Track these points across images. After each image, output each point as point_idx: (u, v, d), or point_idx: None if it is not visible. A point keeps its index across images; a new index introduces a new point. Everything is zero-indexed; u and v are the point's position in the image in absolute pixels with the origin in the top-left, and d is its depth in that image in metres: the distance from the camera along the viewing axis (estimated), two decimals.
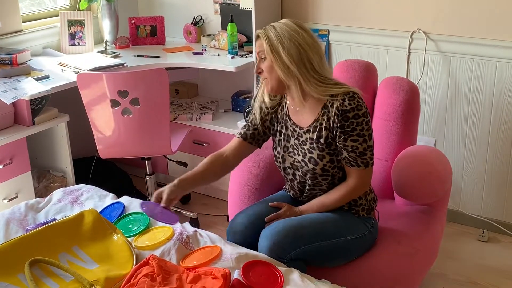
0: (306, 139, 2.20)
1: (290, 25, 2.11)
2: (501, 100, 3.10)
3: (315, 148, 2.17)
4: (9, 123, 2.98)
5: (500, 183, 3.24)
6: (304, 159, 2.21)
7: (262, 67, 2.15)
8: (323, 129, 2.15)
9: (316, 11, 3.51)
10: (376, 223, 2.32)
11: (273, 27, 2.12)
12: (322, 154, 2.16)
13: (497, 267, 3.02)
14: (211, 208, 3.65)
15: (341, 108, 2.09)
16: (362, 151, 2.13)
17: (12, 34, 3.42)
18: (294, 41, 2.08)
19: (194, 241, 2.12)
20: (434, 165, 2.45)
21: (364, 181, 2.20)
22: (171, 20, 3.97)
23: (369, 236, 2.26)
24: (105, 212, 2.32)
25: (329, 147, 2.16)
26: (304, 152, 2.20)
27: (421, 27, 3.21)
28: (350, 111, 2.09)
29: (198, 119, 3.65)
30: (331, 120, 2.12)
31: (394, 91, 2.65)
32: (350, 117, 2.09)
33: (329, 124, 2.13)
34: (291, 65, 2.07)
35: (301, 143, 2.22)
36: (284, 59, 2.08)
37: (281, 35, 2.09)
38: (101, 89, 2.92)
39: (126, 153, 3.15)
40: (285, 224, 2.14)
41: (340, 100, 2.10)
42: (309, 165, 2.19)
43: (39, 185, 3.16)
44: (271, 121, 2.32)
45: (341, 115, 2.09)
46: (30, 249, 1.93)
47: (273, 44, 2.09)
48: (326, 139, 2.15)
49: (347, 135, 2.11)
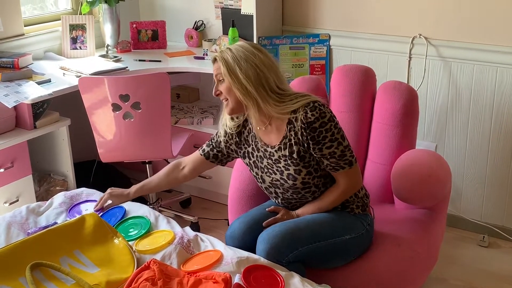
0: (279, 157, 2.20)
1: (246, 47, 2.14)
2: (502, 106, 3.11)
3: (290, 164, 2.18)
4: (11, 127, 2.98)
5: (501, 188, 3.24)
6: (282, 176, 2.21)
7: (220, 89, 2.18)
8: (293, 145, 2.16)
9: (317, 16, 3.52)
10: (372, 220, 2.33)
11: (229, 49, 2.14)
12: (298, 168, 2.17)
13: (498, 272, 3.02)
14: (211, 212, 3.65)
15: (305, 121, 2.10)
16: (341, 153, 2.14)
17: (14, 38, 3.43)
18: (250, 62, 2.10)
19: (195, 245, 2.12)
20: (433, 168, 2.46)
21: (354, 180, 2.21)
22: (172, 24, 3.98)
23: (366, 235, 2.27)
24: (106, 216, 2.33)
25: (303, 160, 2.17)
26: (281, 170, 2.21)
27: (422, 33, 3.21)
28: (315, 121, 2.10)
29: (199, 123, 3.65)
30: (298, 134, 2.13)
31: (392, 95, 2.65)
32: (317, 127, 2.10)
33: (298, 138, 2.14)
34: (248, 85, 2.09)
35: (275, 161, 2.22)
36: (241, 80, 2.09)
37: (238, 56, 2.11)
38: (102, 93, 2.93)
39: (127, 157, 3.16)
40: (282, 227, 2.15)
41: (302, 114, 2.10)
42: (288, 181, 2.20)
43: (40, 188, 3.16)
44: (236, 144, 2.33)
45: (308, 128, 2.10)
46: (31, 252, 1.93)
47: (230, 66, 2.11)
48: (298, 153, 2.16)
49: (320, 144, 2.12)
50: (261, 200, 2.50)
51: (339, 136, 2.13)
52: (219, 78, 2.17)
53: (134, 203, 2.44)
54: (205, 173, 3.63)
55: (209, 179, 3.66)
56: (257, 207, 2.41)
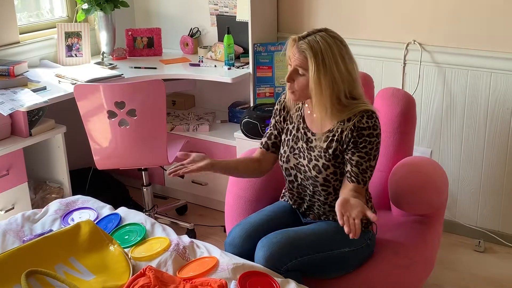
0: (315, 146, 2.20)
1: (335, 45, 2.07)
2: (496, 111, 3.12)
3: (321, 157, 2.18)
4: (6, 135, 2.98)
5: (496, 193, 3.25)
6: (308, 164, 2.21)
7: (295, 79, 2.10)
8: (334, 141, 2.15)
9: (312, 23, 3.53)
10: (374, 236, 2.32)
11: (318, 43, 2.04)
12: (327, 164, 2.17)
13: (494, 277, 3.02)
14: (207, 219, 3.65)
15: (358, 125, 2.10)
16: (365, 168, 2.13)
17: (9, 46, 3.43)
18: (334, 71, 2.04)
19: (191, 252, 2.12)
20: (430, 176, 2.46)
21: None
22: (168, 31, 3.99)
23: (366, 249, 2.26)
24: (101, 223, 2.33)
25: (336, 159, 2.16)
26: (310, 158, 2.21)
27: (416, 39, 3.23)
28: (366, 129, 2.10)
29: (194, 130, 3.65)
30: (344, 133, 2.13)
31: (390, 102, 2.66)
32: (365, 134, 2.10)
33: (341, 137, 2.14)
34: (326, 92, 2.05)
35: (309, 148, 2.22)
36: (322, 88, 2.04)
37: (327, 57, 2.03)
38: (98, 100, 2.93)
39: (123, 164, 3.16)
40: (282, 235, 2.14)
41: (358, 117, 2.10)
42: (312, 172, 2.20)
43: (36, 196, 3.16)
44: (284, 120, 2.33)
45: (356, 131, 2.10)
46: (27, 260, 1.93)
47: (318, 68, 2.03)
48: (334, 151, 2.16)
49: (356, 149, 2.12)
50: (259, 206, 2.49)
51: (373, 154, 2.13)
52: (298, 68, 2.07)
53: (129, 210, 2.44)
54: (201, 179, 3.66)
55: (205, 186, 3.66)
56: (255, 213, 2.40)
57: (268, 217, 2.33)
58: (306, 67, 2.06)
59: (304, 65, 2.06)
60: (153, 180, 3.79)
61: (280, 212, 2.36)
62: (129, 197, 3.76)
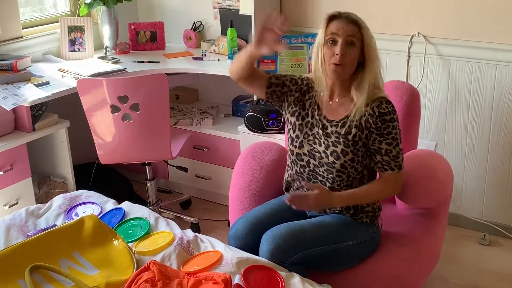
0: (331, 132, 2.19)
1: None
2: (501, 103, 3.10)
3: (340, 143, 2.17)
4: (10, 130, 2.98)
5: (501, 186, 3.24)
6: (326, 151, 2.20)
7: (347, 52, 2.10)
8: (353, 126, 2.16)
9: (315, 15, 3.51)
10: (379, 229, 2.32)
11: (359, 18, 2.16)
12: (346, 150, 2.16)
13: (499, 270, 3.02)
14: (211, 213, 3.64)
15: (378, 110, 2.12)
16: (396, 154, 2.15)
17: (12, 41, 3.43)
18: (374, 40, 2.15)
19: (195, 246, 2.12)
20: (435, 170, 2.45)
21: (397, 185, 2.21)
22: (171, 25, 3.98)
23: (371, 242, 2.26)
24: (105, 217, 2.33)
25: (355, 146, 2.16)
26: (327, 144, 2.20)
27: (420, 31, 3.21)
28: (387, 114, 2.12)
29: (198, 124, 3.65)
30: (363, 119, 2.13)
31: (394, 95, 2.64)
32: (387, 120, 2.12)
33: (360, 123, 2.14)
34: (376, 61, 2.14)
35: (325, 134, 2.21)
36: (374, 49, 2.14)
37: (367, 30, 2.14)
38: (101, 94, 2.92)
39: (126, 158, 3.16)
40: (287, 228, 2.14)
41: (377, 102, 2.12)
42: (329, 158, 2.19)
43: (40, 191, 3.16)
44: (296, 100, 2.29)
45: (378, 117, 2.11)
46: (31, 255, 1.93)
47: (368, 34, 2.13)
48: (353, 137, 2.16)
49: (382, 137, 2.13)
50: (263, 200, 2.49)
51: (399, 138, 2.16)
52: (349, 40, 2.10)
53: (133, 205, 2.44)
54: (205, 173, 3.65)
55: (209, 180, 3.66)
56: (259, 206, 2.39)
57: (272, 210, 2.32)
58: (358, 37, 2.11)
59: (357, 34, 2.11)
60: (157, 174, 3.78)
61: (284, 205, 2.34)
62: (133, 191, 3.76)
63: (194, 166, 3.67)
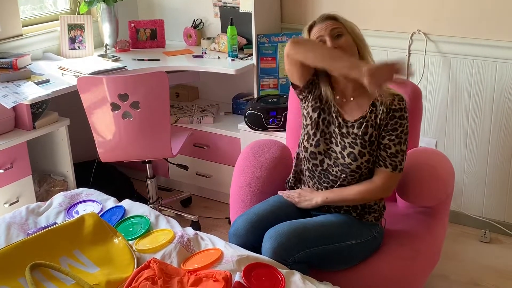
0: (348, 132, 2.19)
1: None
2: (502, 101, 3.10)
3: (357, 144, 2.16)
4: (10, 128, 2.98)
5: (502, 183, 3.23)
6: (342, 151, 2.19)
7: (339, 43, 2.14)
8: (369, 126, 2.16)
9: (316, 13, 3.51)
10: (382, 229, 2.32)
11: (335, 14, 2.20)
12: (363, 151, 2.16)
13: (499, 268, 3.01)
14: (212, 211, 3.64)
15: (390, 106, 2.13)
16: (394, 152, 2.14)
17: (12, 39, 3.42)
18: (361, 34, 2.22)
19: (195, 244, 2.12)
20: (436, 168, 2.44)
21: (388, 185, 2.19)
22: (171, 23, 3.97)
23: (373, 241, 2.26)
24: (105, 215, 2.33)
25: (371, 146, 2.16)
26: (344, 145, 2.19)
27: (421, 28, 3.20)
28: (398, 111, 2.13)
29: (198, 122, 3.64)
30: (378, 118, 2.14)
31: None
32: (396, 116, 2.13)
33: (376, 122, 2.15)
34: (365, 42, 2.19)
35: (341, 134, 2.20)
36: (360, 36, 2.18)
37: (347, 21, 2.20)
38: (101, 92, 2.92)
39: (126, 156, 3.15)
40: (290, 227, 2.13)
41: (390, 99, 2.13)
42: (346, 159, 2.18)
43: (40, 189, 3.16)
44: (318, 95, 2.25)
45: (389, 113, 2.13)
46: (31, 253, 1.93)
47: (347, 23, 2.17)
48: (370, 137, 2.16)
49: (387, 132, 2.14)
50: (264, 197, 2.48)
51: (404, 138, 2.15)
52: (335, 33, 2.15)
53: (134, 203, 2.44)
54: (205, 171, 3.65)
55: (209, 178, 3.66)
56: (260, 203, 2.39)
57: (273, 208, 2.31)
58: (342, 28, 2.16)
59: (339, 26, 2.16)
60: (157, 172, 3.78)
61: (285, 203, 2.35)
62: (133, 189, 3.76)
63: (194, 164, 3.67)
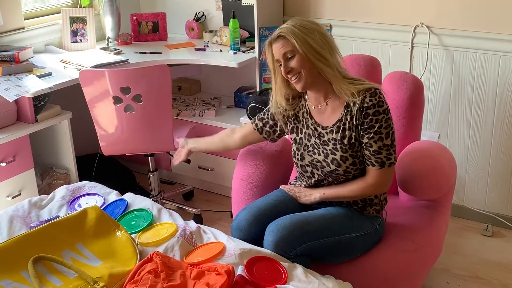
0: (328, 139, 2.18)
1: (306, 22, 2.10)
2: (505, 94, 3.09)
3: (338, 150, 2.15)
4: (12, 121, 2.98)
5: (504, 177, 3.23)
6: (326, 159, 2.19)
7: (291, 65, 2.09)
8: (346, 129, 2.13)
9: (318, 5, 3.50)
10: (383, 222, 2.32)
11: (291, 25, 2.08)
12: (345, 156, 2.15)
13: (501, 261, 3.01)
14: (214, 204, 3.65)
15: (361, 105, 2.08)
16: (377, 149, 2.11)
17: (14, 32, 3.42)
18: (317, 33, 2.06)
19: (198, 237, 2.12)
20: (438, 161, 2.44)
21: (380, 181, 2.16)
22: (173, 16, 3.96)
23: (374, 234, 2.26)
24: (108, 209, 2.33)
25: (352, 148, 2.14)
26: (326, 153, 2.19)
27: (424, 21, 3.19)
28: (371, 108, 2.08)
29: (200, 115, 3.64)
30: (354, 118, 2.11)
31: (398, 86, 2.63)
32: (370, 114, 2.08)
33: (352, 123, 2.12)
34: (322, 51, 2.06)
35: (323, 143, 2.20)
36: (316, 48, 2.05)
37: (303, 29, 2.06)
38: (103, 86, 2.92)
39: (129, 150, 3.15)
40: (292, 220, 2.13)
41: (361, 97, 2.08)
42: (331, 166, 2.18)
43: (43, 182, 3.16)
44: (288, 118, 2.32)
45: (362, 112, 2.08)
46: (34, 246, 1.93)
47: (300, 37, 2.04)
48: (349, 140, 2.14)
49: (365, 131, 2.11)
50: (266, 191, 2.49)
51: (384, 132, 2.10)
52: (287, 56, 2.09)
53: (136, 196, 2.44)
54: (207, 165, 3.65)
55: (211, 171, 3.66)
56: (263, 197, 2.39)
57: (276, 201, 2.32)
58: (290, 47, 2.07)
59: (288, 45, 2.07)
60: (160, 165, 3.79)
61: (287, 197, 2.35)
62: (135, 182, 3.76)
63: (196, 157, 3.66)
